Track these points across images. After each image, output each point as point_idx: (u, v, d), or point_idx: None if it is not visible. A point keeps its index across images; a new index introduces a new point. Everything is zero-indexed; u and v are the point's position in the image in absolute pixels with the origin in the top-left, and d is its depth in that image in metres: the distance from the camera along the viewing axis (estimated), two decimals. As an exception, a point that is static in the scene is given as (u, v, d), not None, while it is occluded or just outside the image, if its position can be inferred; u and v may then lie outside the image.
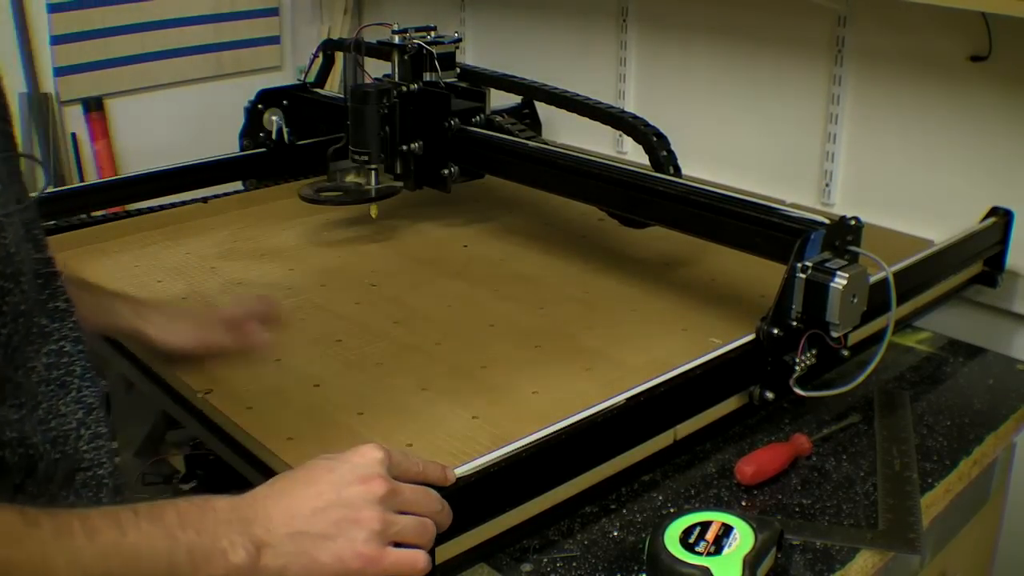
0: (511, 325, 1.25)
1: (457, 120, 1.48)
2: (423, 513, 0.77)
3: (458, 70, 1.56)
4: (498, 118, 1.53)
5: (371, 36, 1.57)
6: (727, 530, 0.84)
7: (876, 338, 1.14)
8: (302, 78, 1.81)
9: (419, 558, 0.75)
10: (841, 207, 1.61)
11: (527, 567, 0.88)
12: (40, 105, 2.12)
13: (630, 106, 1.88)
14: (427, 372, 1.13)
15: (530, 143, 1.43)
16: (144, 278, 1.39)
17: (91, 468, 0.78)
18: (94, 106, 2.19)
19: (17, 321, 0.71)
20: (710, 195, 1.20)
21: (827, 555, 0.90)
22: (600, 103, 1.45)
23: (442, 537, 0.82)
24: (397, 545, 0.74)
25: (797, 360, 1.05)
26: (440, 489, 0.81)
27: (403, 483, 0.76)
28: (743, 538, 0.83)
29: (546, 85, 1.53)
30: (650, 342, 1.20)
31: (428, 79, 1.52)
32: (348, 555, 0.71)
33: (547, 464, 0.90)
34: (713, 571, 0.80)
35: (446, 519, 0.79)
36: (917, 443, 1.07)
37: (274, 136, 1.73)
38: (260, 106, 1.75)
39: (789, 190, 1.64)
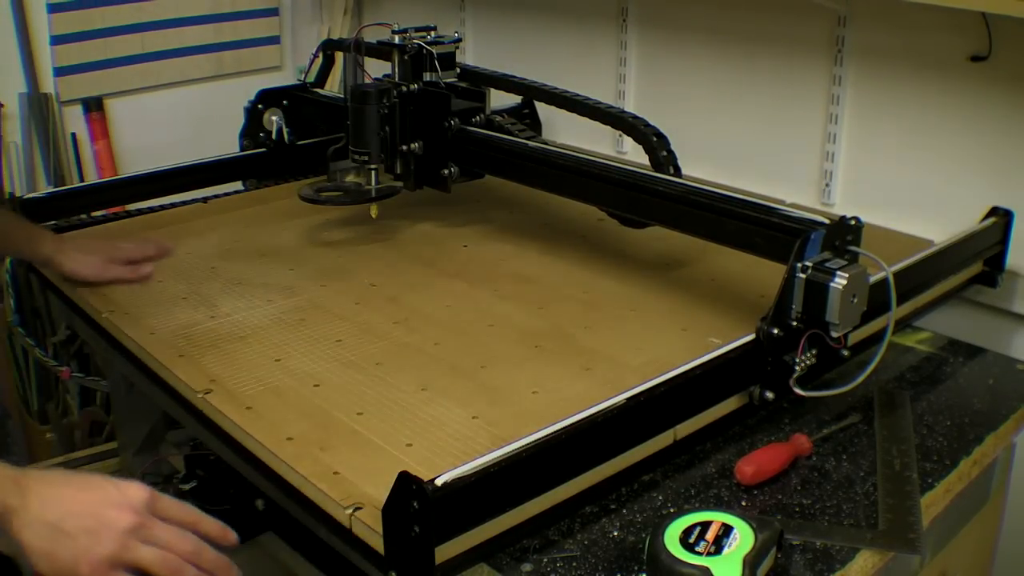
0: (511, 325, 1.25)
1: (457, 120, 1.48)
2: (175, 551, 0.86)
3: (458, 70, 1.56)
4: (498, 118, 1.53)
5: (371, 36, 1.57)
6: (727, 530, 0.84)
7: (876, 338, 1.14)
8: (302, 78, 1.81)
9: None
10: (841, 207, 1.61)
11: (527, 567, 0.88)
12: (40, 105, 2.12)
13: (630, 106, 1.88)
14: (427, 372, 1.13)
15: (530, 143, 1.43)
16: (144, 278, 1.39)
17: None
18: (94, 106, 2.19)
19: None
20: (710, 195, 1.20)
21: (827, 555, 0.90)
22: (600, 103, 1.45)
23: (442, 537, 0.82)
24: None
25: (797, 360, 1.05)
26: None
27: (160, 522, 0.86)
28: (743, 538, 0.83)
29: (546, 85, 1.53)
30: (650, 342, 1.20)
31: (428, 79, 1.52)
32: (82, 560, 0.82)
33: (547, 464, 0.90)
34: (713, 571, 0.80)
35: (213, 564, 0.88)
36: (917, 443, 1.07)
37: (274, 136, 1.73)
38: (260, 106, 1.75)
39: (789, 190, 1.64)
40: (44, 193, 1.67)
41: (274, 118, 1.74)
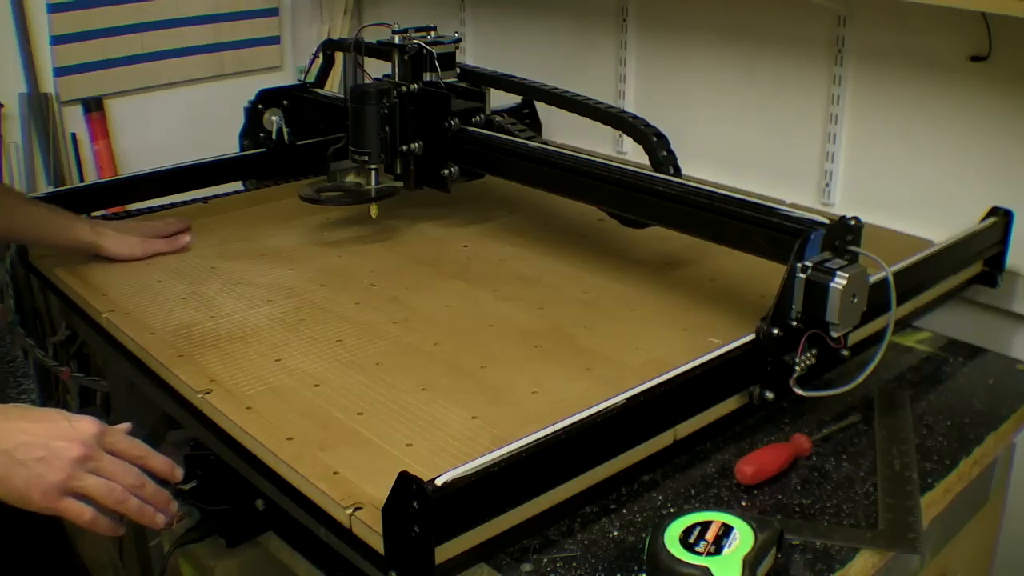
0: (511, 325, 1.25)
1: (457, 120, 1.48)
2: (119, 482, 0.93)
3: (458, 70, 1.56)
4: (498, 118, 1.53)
5: (371, 36, 1.57)
6: (727, 530, 0.84)
7: (876, 338, 1.14)
8: (302, 78, 1.81)
9: (84, 511, 0.92)
10: (841, 207, 1.61)
11: (527, 567, 0.88)
12: (40, 105, 2.12)
13: (630, 106, 1.88)
14: (427, 372, 1.13)
15: (530, 143, 1.43)
16: (144, 278, 1.39)
17: None
18: (94, 106, 2.19)
19: None
20: (710, 195, 1.20)
21: (827, 555, 0.90)
22: (600, 103, 1.45)
23: (442, 537, 0.82)
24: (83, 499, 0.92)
25: (797, 360, 1.05)
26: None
27: (107, 456, 0.93)
28: (743, 538, 0.83)
29: (546, 85, 1.53)
30: (650, 342, 1.20)
31: (428, 79, 1.52)
32: (33, 486, 0.89)
33: (547, 464, 0.90)
34: (713, 571, 0.80)
35: (153, 496, 0.96)
36: (917, 443, 1.07)
37: (274, 136, 1.73)
38: (260, 106, 1.75)
39: (789, 190, 1.64)
40: (44, 193, 1.67)
41: (274, 118, 1.74)
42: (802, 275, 1.04)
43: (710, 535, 0.83)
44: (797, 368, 1.05)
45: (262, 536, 1.16)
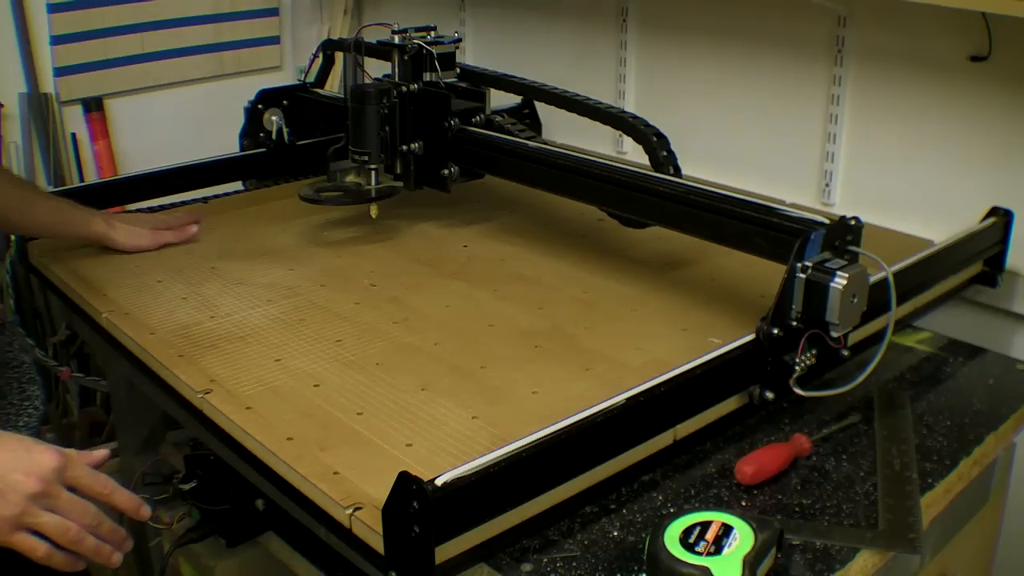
0: (511, 325, 1.25)
1: (457, 120, 1.48)
2: (76, 521, 0.90)
3: (458, 70, 1.56)
4: (498, 118, 1.53)
5: (371, 36, 1.57)
6: (727, 530, 0.84)
7: (876, 338, 1.14)
8: (302, 78, 1.81)
9: (38, 546, 0.89)
10: (841, 207, 1.61)
11: (527, 567, 0.88)
12: (40, 105, 2.12)
13: (630, 106, 1.88)
14: (427, 372, 1.13)
15: (530, 143, 1.43)
16: (144, 278, 1.39)
17: None
18: (94, 106, 2.19)
19: None
20: (710, 195, 1.20)
21: (827, 555, 0.90)
22: (600, 103, 1.45)
23: (442, 537, 0.82)
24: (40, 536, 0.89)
25: (797, 360, 1.05)
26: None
27: (65, 492, 0.90)
28: (743, 538, 0.83)
29: (546, 85, 1.53)
30: (650, 342, 1.20)
31: (428, 79, 1.52)
32: None
33: (547, 464, 0.90)
34: (713, 571, 0.80)
35: (110, 534, 0.93)
36: (917, 443, 1.07)
37: (274, 136, 1.73)
38: (260, 106, 1.75)
39: (789, 190, 1.64)
40: (44, 193, 1.67)
41: (274, 118, 1.74)
42: (802, 275, 1.04)
43: (710, 535, 0.83)
44: (797, 368, 1.05)
45: (262, 536, 1.16)
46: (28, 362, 1.39)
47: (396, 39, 1.51)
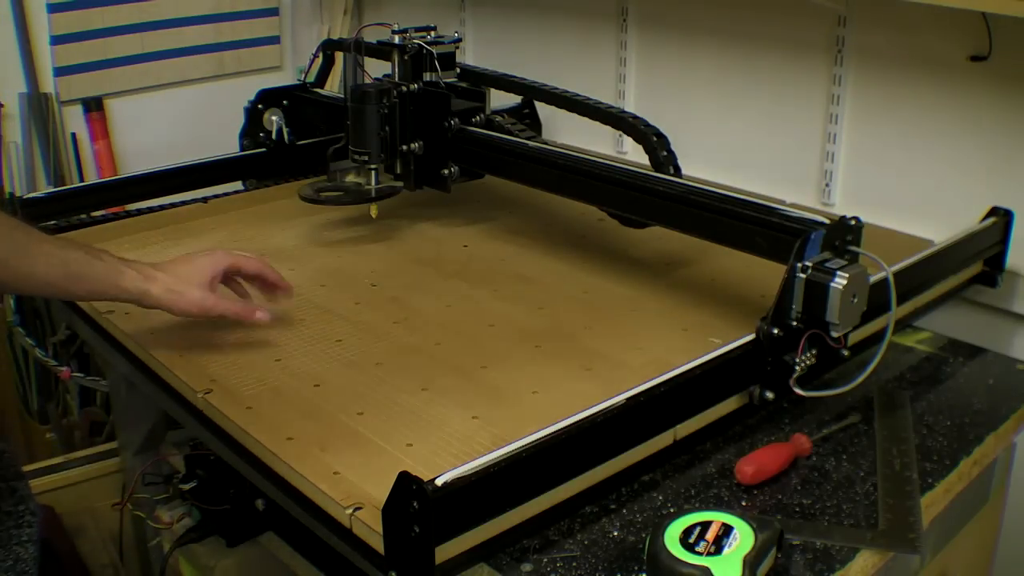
0: (511, 325, 1.25)
1: (457, 120, 1.48)
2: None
3: (458, 70, 1.56)
4: (498, 118, 1.53)
5: (371, 36, 1.57)
6: (727, 530, 0.84)
7: (876, 338, 1.14)
8: (302, 78, 1.81)
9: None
10: (841, 207, 1.61)
11: (527, 567, 0.88)
12: (40, 105, 2.12)
13: (630, 106, 1.88)
14: (427, 372, 1.13)
15: (530, 143, 1.43)
16: (144, 278, 1.39)
17: None
18: (94, 106, 2.19)
19: None
20: (710, 195, 1.20)
21: (827, 555, 0.90)
22: (600, 103, 1.45)
23: (442, 537, 0.82)
24: None
25: (797, 360, 1.05)
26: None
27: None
28: (743, 538, 0.83)
29: (546, 85, 1.53)
30: (650, 342, 1.20)
31: (428, 79, 1.52)
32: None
33: (547, 464, 0.90)
34: (713, 571, 0.80)
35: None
36: (917, 443, 1.07)
37: (274, 136, 1.73)
38: (260, 106, 1.75)
39: (789, 190, 1.64)
40: (44, 193, 1.67)
41: (274, 118, 1.74)
42: (802, 275, 1.04)
43: (710, 535, 0.83)
44: (797, 368, 1.05)
45: (262, 536, 1.16)
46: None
47: (396, 39, 1.51)
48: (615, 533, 0.93)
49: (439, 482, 0.81)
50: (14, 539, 0.87)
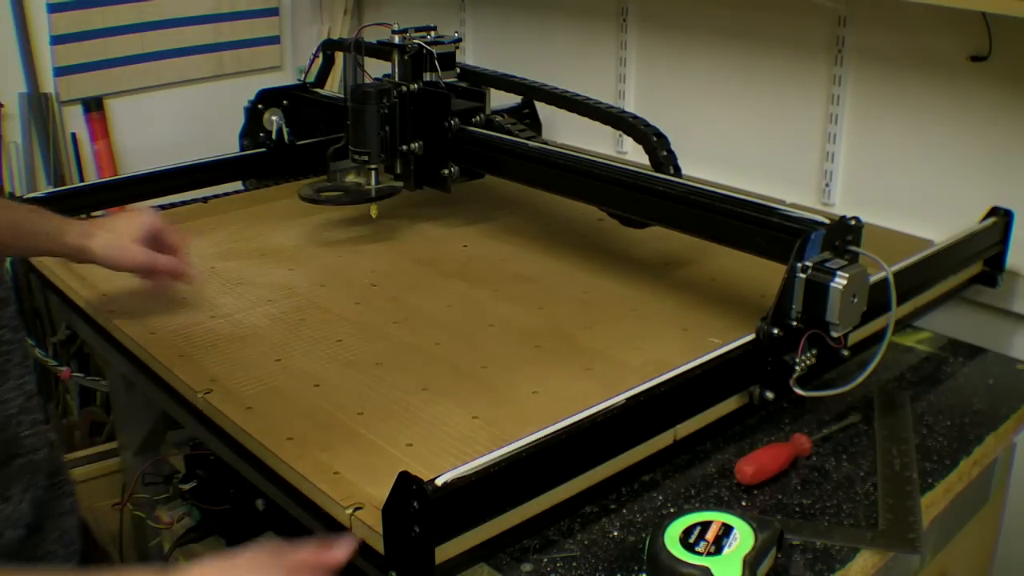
0: (511, 325, 1.25)
1: (457, 120, 1.48)
2: None
3: (458, 70, 1.56)
4: (498, 118, 1.53)
5: (371, 36, 1.57)
6: (727, 530, 0.84)
7: (876, 338, 1.14)
8: (302, 78, 1.81)
9: None
10: (841, 207, 1.61)
11: (527, 567, 0.88)
12: (40, 105, 2.12)
13: (630, 106, 1.88)
14: (427, 372, 1.13)
15: (530, 143, 1.43)
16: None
17: (29, 454, 0.86)
18: (94, 106, 2.19)
19: None
20: (710, 195, 1.20)
21: (827, 555, 0.90)
22: (600, 103, 1.45)
23: (442, 537, 0.82)
24: None
25: (797, 360, 1.05)
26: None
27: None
28: (743, 538, 0.83)
29: (546, 85, 1.53)
30: (650, 342, 1.20)
31: (428, 79, 1.52)
32: None
33: (547, 464, 0.90)
34: (713, 571, 0.80)
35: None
36: (917, 443, 1.07)
37: (274, 136, 1.73)
38: (260, 106, 1.75)
39: (789, 190, 1.64)
40: (44, 193, 1.67)
41: (274, 118, 1.74)
42: (802, 275, 1.04)
43: (710, 535, 0.83)
44: (797, 368, 1.05)
45: (262, 536, 1.16)
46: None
47: (396, 39, 1.51)
48: (615, 533, 0.93)
49: (439, 482, 0.81)
50: (56, 510, 0.90)
